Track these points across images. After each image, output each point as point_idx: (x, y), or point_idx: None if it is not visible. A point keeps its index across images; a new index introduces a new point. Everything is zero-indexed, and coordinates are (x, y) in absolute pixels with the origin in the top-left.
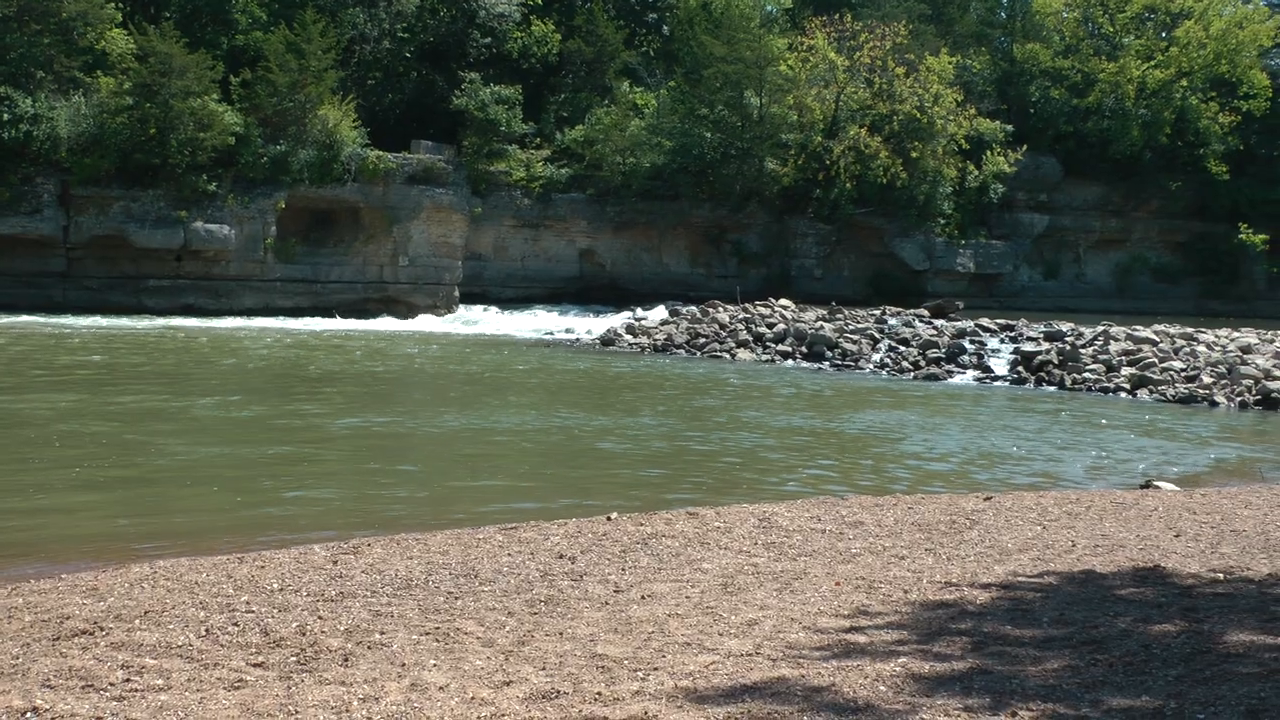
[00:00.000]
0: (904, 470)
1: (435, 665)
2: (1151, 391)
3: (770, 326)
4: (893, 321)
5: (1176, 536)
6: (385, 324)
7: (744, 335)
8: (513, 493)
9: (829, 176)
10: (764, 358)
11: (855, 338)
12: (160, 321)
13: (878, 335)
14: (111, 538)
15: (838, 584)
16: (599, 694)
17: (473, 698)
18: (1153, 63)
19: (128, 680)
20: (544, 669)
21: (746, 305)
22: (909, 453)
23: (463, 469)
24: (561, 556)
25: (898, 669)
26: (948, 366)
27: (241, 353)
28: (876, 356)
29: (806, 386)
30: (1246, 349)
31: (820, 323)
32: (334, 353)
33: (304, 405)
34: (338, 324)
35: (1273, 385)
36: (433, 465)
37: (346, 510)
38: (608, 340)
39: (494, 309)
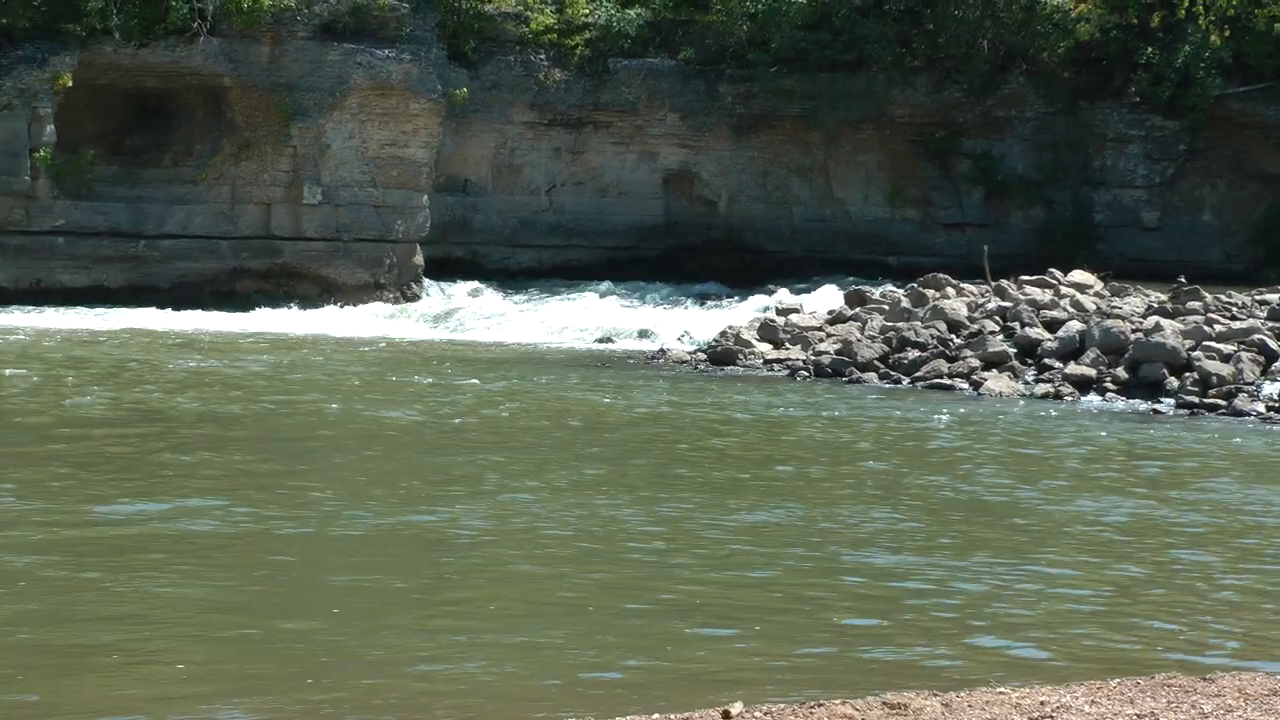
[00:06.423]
0: None
1: None
2: None
3: (1051, 327)
4: None
5: None
6: (276, 320)
7: (998, 344)
8: (535, 662)
9: (1172, 21)
10: (1038, 390)
11: (1228, 349)
12: None
13: (1276, 345)
14: None
15: None
16: None
17: None
18: None
19: None
20: None
21: (1004, 283)
22: None
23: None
24: None
25: None
26: None
27: None
28: (1272, 389)
29: (1123, 445)
30: None
31: (1154, 318)
32: (180, 379)
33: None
34: (180, 320)
35: None
36: (361, 607)
37: None
38: (722, 356)
39: (492, 290)
